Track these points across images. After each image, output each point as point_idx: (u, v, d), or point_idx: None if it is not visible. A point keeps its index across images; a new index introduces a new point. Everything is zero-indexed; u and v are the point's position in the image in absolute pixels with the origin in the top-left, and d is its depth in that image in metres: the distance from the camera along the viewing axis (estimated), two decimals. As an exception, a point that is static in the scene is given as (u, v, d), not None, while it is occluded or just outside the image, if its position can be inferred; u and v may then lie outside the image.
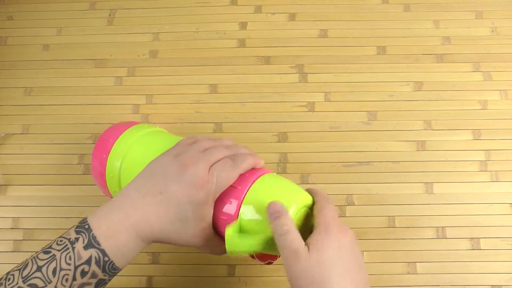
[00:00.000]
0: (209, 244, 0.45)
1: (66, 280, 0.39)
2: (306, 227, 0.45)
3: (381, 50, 0.70)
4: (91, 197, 0.63)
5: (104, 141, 0.54)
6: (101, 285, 0.42)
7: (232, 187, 0.44)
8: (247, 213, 0.43)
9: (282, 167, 0.64)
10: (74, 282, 0.39)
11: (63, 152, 0.66)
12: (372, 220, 0.62)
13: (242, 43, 0.71)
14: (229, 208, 0.43)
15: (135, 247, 0.42)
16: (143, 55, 0.71)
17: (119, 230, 0.40)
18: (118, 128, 0.55)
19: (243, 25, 0.72)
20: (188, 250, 0.61)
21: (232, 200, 0.43)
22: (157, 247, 0.61)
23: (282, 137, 0.66)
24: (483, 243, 0.60)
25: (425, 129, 0.66)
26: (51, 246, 0.40)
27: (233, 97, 0.68)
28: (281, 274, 0.60)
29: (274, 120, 0.67)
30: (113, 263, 0.40)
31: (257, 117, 0.67)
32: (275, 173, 0.48)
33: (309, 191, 0.45)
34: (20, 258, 0.42)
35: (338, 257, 0.39)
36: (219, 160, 0.44)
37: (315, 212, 0.43)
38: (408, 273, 0.59)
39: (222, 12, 0.73)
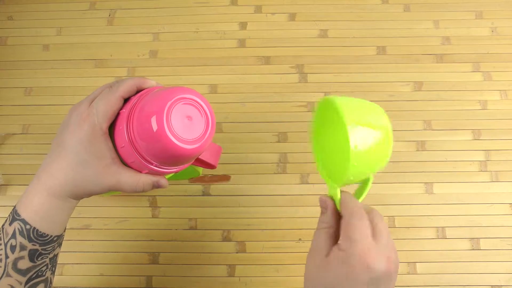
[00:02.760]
0: (123, 182, 0.42)
1: (0, 260, 0.40)
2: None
3: (381, 50, 0.70)
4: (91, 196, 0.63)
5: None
6: (40, 257, 0.41)
7: (121, 113, 0.41)
8: None
9: (282, 167, 0.64)
10: (8, 260, 0.40)
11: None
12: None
13: (242, 43, 0.71)
14: (120, 135, 0.41)
15: (53, 207, 0.41)
16: (143, 55, 0.71)
17: (33, 193, 0.41)
18: None
19: (243, 25, 0.72)
20: (188, 250, 0.61)
21: (122, 125, 0.41)
22: (157, 247, 0.61)
23: (282, 137, 0.66)
24: (483, 243, 0.60)
25: (425, 129, 0.66)
26: None
27: (233, 97, 0.68)
28: (281, 274, 0.60)
29: (274, 120, 0.67)
30: (36, 229, 0.40)
31: (257, 117, 0.67)
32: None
33: (338, 209, 0.42)
34: (20, 258, 0.43)
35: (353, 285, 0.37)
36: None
37: (343, 232, 0.39)
38: (408, 273, 0.59)
39: (222, 12, 0.73)
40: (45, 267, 0.42)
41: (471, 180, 0.63)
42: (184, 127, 0.40)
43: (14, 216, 0.41)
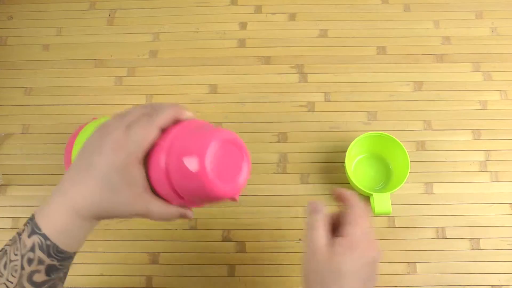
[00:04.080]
0: (153, 210, 0.43)
1: (16, 270, 0.40)
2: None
3: (381, 50, 0.70)
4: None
5: (66, 152, 0.56)
6: (56, 272, 0.42)
7: (157, 144, 0.41)
8: None
9: (282, 167, 0.64)
10: (23, 272, 0.40)
11: (63, 152, 0.66)
12: (372, 220, 0.62)
13: (242, 43, 0.71)
14: (157, 166, 0.41)
15: (76, 226, 0.41)
16: (143, 55, 0.71)
17: (57, 211, 0.40)
18: (75, 133, 0.58)
19: (243, 25, 0.72)
20: (188, 250, 0.61)
21: (159, 157, 0.41)
22: (157, 247, 0.61)
23: (282, 137, 0.66)
24: (483, 243, 0.60)
25: (425, 129, 0.66)
26: (6, 244, 0.42)
27: (233, 97, 0.68)
28: (281, 274, 0.60)
29: (274, 120, 0.67)
30: (57, 246, 0.40)
31: (257, 117, 0.67)
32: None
33: (344, 194, 0.46)
34: (20, 258, 0.43)
35: (355, 270, 0.42)
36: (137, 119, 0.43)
37: (350, 219, 0.44)
38: (408, 273, 0.59)
39: (222, 12, 0.73)
40: (58, 281, 0.43)
41: (471, 180, 0.63)
42: (223, 170, 0.40)
43: (34, 229, 0.40)
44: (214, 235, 0.61)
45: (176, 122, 0.43)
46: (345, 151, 0.60)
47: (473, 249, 0.60)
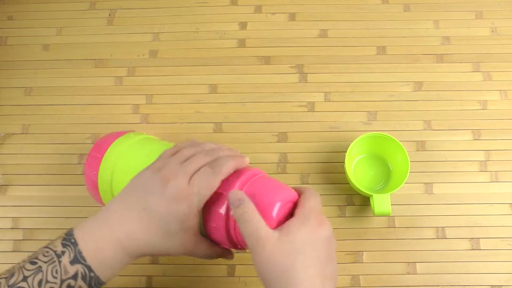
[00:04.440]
0: (197, 250, 0.44)
1: None
2: None
3: (381, 50, 0.70)
4: (91, 197, 0.63)
5: (93, 158, 0.55)
6: None
7: (217, 193, 0.43)
8: None
9: (282, 167, 0.64)
10: None
11: (63, 152, 0.66)
12: (372, 220, 0.62)
13: (242, 43, 0.71)
14: (217, 215, 0.43)
15: (121, 262, 0.42)
16: (143, 55, 0.71)
17: (105, 246, 0.41)
18: (106, 141, 0.55)
19: (243, 25, 0.72)
20: (188, 250, 0.61)
21: (220, 207, 0.43)
22: (157, 247, 0.61)
23: (282, 137, 0.66)
24: (483, 243, 0.60)
25: (425, 129, 0.66)
26: (37, 257, 0.41)
27: (233, 97, 0.68)
28: (281, 274, 0.60)
29: (274, 120, 0.67)
30: (99, 278, 0.41)
31: (257, 117, 0.67)
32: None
33: (298, 188, 0.46)
34: (20, 258, 0.42)
35: (310, 247, 0.39)
36: (199, 169, 0.43)
37: (298, 202, 0.43)
38: (408, 273, 0.59)
39: (222, 12, 0.73)
40: None
41: (471, 180, 0.63)
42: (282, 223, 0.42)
43: (79, 258, 0.40)
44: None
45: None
46: (345, 151, 0.60)
47: (473, 249, 0.60)
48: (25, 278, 0.39)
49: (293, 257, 0.38)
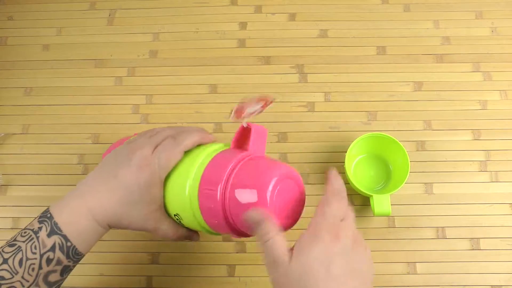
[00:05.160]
0: (160, 228, 0.45)
1: (33, 269, 0.40)
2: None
3: (381, 50, 0.70)
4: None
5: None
6: (66, 272, 0.43)
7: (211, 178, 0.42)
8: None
9: (282, 167, 0.64)
10: (41, 271, 0.41)
11: (63, 152, 0.66)
12: (372, 220, 0.62)
13: (242, 43, 0.71)
14: (213, 197, 0.41)
15: (94, 231, 0.43)
16: (143, 55, 0.71)
17: (78, 216, 0.42)
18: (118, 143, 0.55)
19: (243, 25, 0.72)
20: (188, 250, 0.61)
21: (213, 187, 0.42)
22: (157, 247, 0.61)
23: (282, 137, 0.66)
24: (483, 243, 0.60)
25: (425, 129, 0.66)
26: (15, 238, 0.42)
27: (233, 97, 0.68)
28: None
29: (274, 120, 0.67)
30: (76, 248, 0.42)
31: (257, 117, 0.67)
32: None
33: (328, 177, 0.41)
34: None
35: (323, 267, 0.35)
36: (163, 141, 0.45)
37: (317, 207, 0.39)
38: (408, 273, 0.59)
39: (222, 12, 0.73)
40: (65, 281, 0.44)
41: (471, 180, 0.63)
42: (281, 204, 0.41)
43: (55, 229, 0.41)
44: (214, 235, 0.61)
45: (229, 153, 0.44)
46: (345, 151, 0.60)
47: (473, 249, 0.60)
48: (5, 261, 0.40)
49: (304, 282, 0.35)
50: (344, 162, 0.60)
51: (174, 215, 0.46)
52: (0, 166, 0.65)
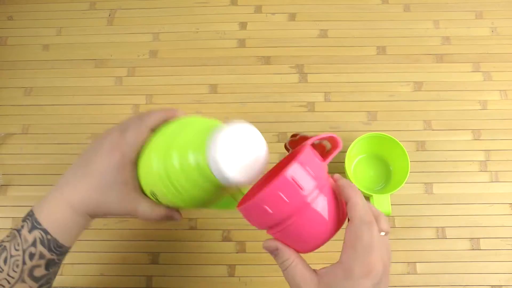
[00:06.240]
0: (138, 209, 0.45)
1: (17, 265, 0.41)
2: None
3: (381, 50, 0.70)
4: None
5: None
6: (53, 266, 0.43)
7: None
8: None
9: (282, 167, 0.64)
10: (25, 266, 0.41)
11: (63, 152, 0.66)
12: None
13: (242, 43, 0.71)
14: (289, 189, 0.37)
15: (74, 222, 0.43)
16: (143, 55, 0.71)
17: (56, 207, 0.43)
18: None
19: (243, 25, 0.72)
20: (188, 250, 0.61)
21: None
22: (157, 247, 0.61)
23: (282, 137, 0.66)
24: (483, 243, 0.60)
25: (425, 129, 0.66)
26: (2, 240, 0.43)
27: (233, 97, 0.68)
28: (281, 274, 0.60)
29: (274, 120, 0.67)
30: (57, 240, 0.42)
31: (257, 117, 0.67)
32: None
33: (344, 194, 0.40)
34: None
35: None
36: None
37: (346, 237, 0.38)
38: (408, 273, 0.59)
39: (222, 12, 0.73)
40: (53, 276, 0.44)
41: (471, 180, 0.63)
42: None
43: (34, 224, 0.42)
44: (214, 235, 0.61)
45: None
46: (345, 151, 0.60)
47: (473, 249, 0.60)
48: None
49: None
50: (344, 162, 0.60)
51: (151, 193, 0.45)
52: (0, 166, 0.65)
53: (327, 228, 0.38)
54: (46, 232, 0.42)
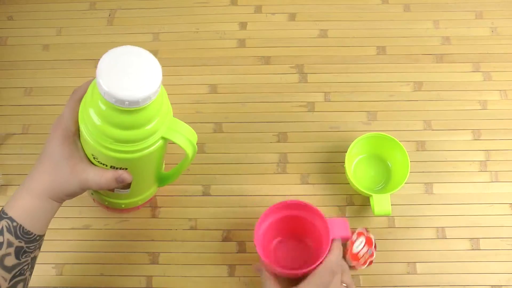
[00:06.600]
0: (88, 178, 0.46)
1: None
2: None
3: (381, 50, 0.70)
4: (90, 197, 0.63)
5: None
6: (24, 255, 0.45)
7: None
8: None
9: (282, 167, 0.64)
10: None
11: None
12: (372, 220, 0.62)
13: (242, 43, 0.71)
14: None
15: (37, 208, 0.45)
16: (143, 55, 0.70)
17: (20, 198, 0.45)
18: None
19: (243, 25, 0.72)
20: (188, 250, 0.61)
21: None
22: (157, 247, 0.61)
23: (282, 137, 0.66)
24: (482, 243, 0.60)
25: (425, 129, 0.66)
26: None
27: (233, 97, 0.68)
28: (281, 274, 0.60)
29: (274, 120, 0.67)
30: (23, 227, 0.44)
31: (257, 117, 0.67)
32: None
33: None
34: (20, 258, 0.43)
35: None
36: None
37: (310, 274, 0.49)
38: (408, 273, 0.59)
39: (222, 12, 0.73)
40: (26, 266, 0.45)
41: (471, 180, 0.63)
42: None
43: (1, 215, 0.44)
44: (214, 235, 0.61)
45: None
46: (345, 151, 0.60)
47: (473, 249, 0.60)
48: None
49: None
50: (344, 162, 0.60)
51: (93, 157, 0.47)
52: (0, 166, 0.65)
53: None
54: (11, 219, 0.44)
